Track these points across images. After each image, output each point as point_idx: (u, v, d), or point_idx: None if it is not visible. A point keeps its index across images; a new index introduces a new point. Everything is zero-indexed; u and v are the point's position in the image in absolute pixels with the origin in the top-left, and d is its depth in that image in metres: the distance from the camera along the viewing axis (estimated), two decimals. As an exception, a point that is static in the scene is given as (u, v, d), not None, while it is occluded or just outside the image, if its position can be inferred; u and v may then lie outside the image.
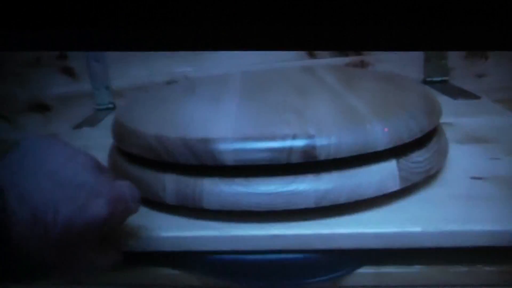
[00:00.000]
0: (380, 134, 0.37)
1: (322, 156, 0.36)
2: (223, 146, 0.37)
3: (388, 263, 0.37)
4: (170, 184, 0.39)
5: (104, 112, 0.79)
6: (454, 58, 0.78)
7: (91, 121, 0.74)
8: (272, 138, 0.37)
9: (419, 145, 0.41)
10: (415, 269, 0.37)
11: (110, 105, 0.81)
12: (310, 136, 0.36)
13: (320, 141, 0.36)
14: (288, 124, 0.39)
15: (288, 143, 0.36)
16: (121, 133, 0.44)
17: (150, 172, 0.41)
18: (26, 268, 0.29)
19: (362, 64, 0.79)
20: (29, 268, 0.29)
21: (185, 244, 0.37)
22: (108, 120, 0.72)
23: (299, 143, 0.36)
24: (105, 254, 0.34)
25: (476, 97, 0.68)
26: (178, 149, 0.38)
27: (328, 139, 0.36)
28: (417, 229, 0.35)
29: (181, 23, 0.34)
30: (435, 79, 0.77)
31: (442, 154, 0.43)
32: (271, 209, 0.36)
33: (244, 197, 0.36)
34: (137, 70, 0.79)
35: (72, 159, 0.32)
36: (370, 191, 0.37)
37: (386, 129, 0.37)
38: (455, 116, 0.58)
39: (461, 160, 0.46)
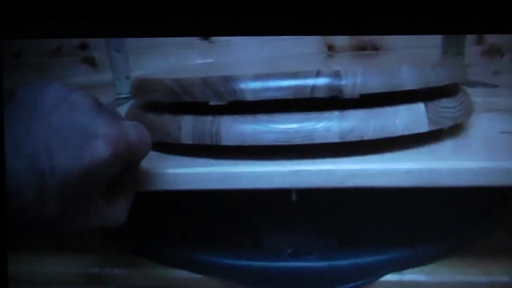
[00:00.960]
0: (407, 74, 0.34)
1: (348, 90, 0.33)
2: (245, 84, 0.34)
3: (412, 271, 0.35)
4: (187, 122, 0.36)
5: (123, 101, 0.77)
6: (471, 55, 0.75)
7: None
8: (295, 74, 0.34)
9: (446, 94, 0.38)
10: (437, 278, 0.35)
11: (130, 95, 0.78)
12: (335, 72, 0.33)
13: (346, 76, 0.33)
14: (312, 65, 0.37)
15: (311, 80, 0.33)
16: (139, 84, 0.42)
17: (166, 116, 0.38)
18: (27, 223, 0.26)
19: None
20: (31, 223, 0.26)
21: (202, 181, 0.33)
22: (127, 106, 0.69)
23: (324, 78, 0.33)
24: (118, 202, 0.31)
25: (493, 86, 0.65)
26: (198, 88, 0.35)
27: (354, 75, 0.33)
28: (449, 166, 0.31)
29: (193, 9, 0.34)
30: (451, 73, 0.74)
31: (468, 107, 0.40)
32: (294, 143, 0.33)
33: (266, 131, 0.33)
34: (157, 61, 0.77)
35: (64, 100, 0.27)
36: (398, 129, 0.34)
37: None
38: (475, 97, 0.55)
39: (487, 122, 0.43)
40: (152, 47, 0.76)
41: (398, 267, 0.35)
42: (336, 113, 0.33)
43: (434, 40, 0.67)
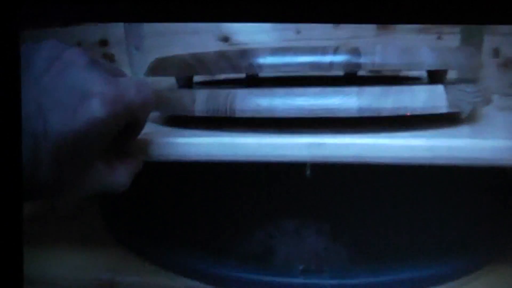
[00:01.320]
0: (425, 54, 0.33)
1: (366, 68, 0.32)
2: (263, 58, 0.33)
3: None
4: (201, 95, 0.34)
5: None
6: (487, 67, 0.74)
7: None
8: (314, 50, 0.33)
9: (465, 81, 0.36)
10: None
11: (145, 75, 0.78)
12: (354, 49, 0.32)
13: (365, 53, 0.32)
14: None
15: (329, 56, 0.32)
16: (155, 64, 0.41)
17: (180, 90, 0.37)
18: (24, 189, 0.24)
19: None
20: (27, 188, 0.24)
21: (213, 151, 0.32)
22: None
23: (342, 55, 0.32)
24: (120, 167, 0.29)
25: (510, 95, 0.64)
26: (214, 61, 0.34)
27: (373, 53, 0.32)
28: (470, 143, 0.30)
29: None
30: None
31: (487, 96, 0.38)
32: (310, 116, 0.32)
33: (282, 104, 0.32)
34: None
35: (57, 58, 0.25)
36: (417, 108, 0.32)
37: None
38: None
39: (506, 117, 0.42)
40: (170, 46, 0.76)
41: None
42: (354, 88, 0.32)
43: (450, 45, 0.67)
